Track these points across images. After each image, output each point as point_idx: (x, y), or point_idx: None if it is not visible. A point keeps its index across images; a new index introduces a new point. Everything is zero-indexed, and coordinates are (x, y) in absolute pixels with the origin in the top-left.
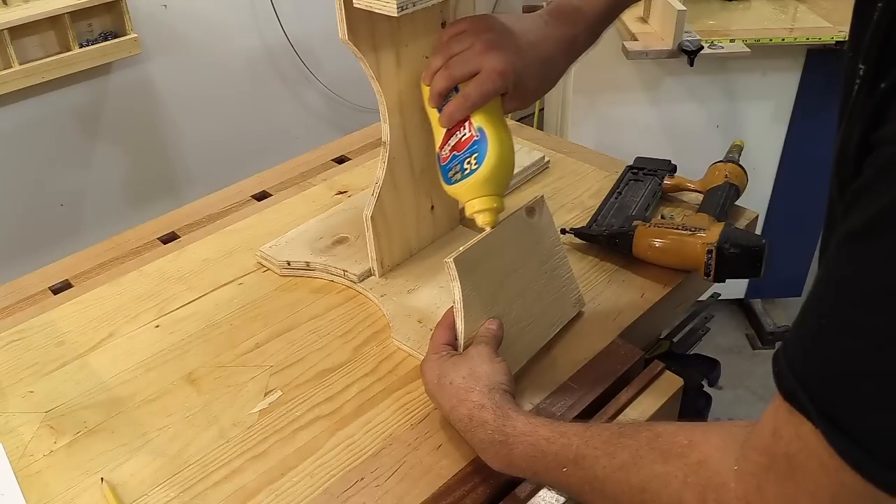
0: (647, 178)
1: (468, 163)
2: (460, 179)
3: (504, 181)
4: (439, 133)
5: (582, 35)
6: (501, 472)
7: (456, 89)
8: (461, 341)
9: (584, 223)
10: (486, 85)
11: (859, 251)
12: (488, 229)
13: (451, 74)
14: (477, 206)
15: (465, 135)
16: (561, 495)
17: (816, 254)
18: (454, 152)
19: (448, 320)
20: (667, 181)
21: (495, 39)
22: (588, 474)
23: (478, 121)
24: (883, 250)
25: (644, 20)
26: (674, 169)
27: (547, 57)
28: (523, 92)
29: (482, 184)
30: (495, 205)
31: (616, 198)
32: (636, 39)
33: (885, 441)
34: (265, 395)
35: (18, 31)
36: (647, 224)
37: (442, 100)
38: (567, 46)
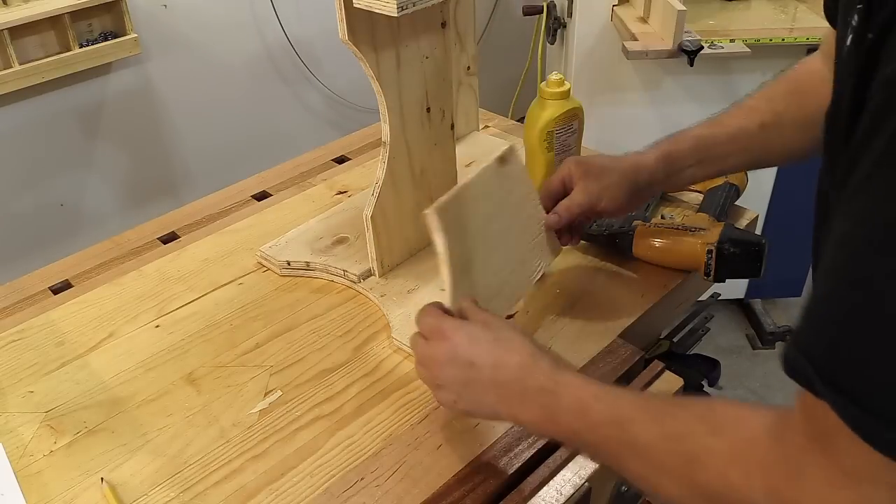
0: None
1: None
2: None
3: None
4: None
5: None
6: (538, 432)
7: None
8: (449, 292)
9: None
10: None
11: (856, 202)
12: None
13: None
14: None
15: None
16: (593, 460)
17: None
18: None
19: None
20: None
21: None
22: (631, 438)
23: None
24: (879, 189)
25: (644, 20)
26: None
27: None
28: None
29: None
30: None
31: None
32: (636, 39)
33: (887, 401)
34: (265, 395)
35: (18, 31)
36: (647, 224)
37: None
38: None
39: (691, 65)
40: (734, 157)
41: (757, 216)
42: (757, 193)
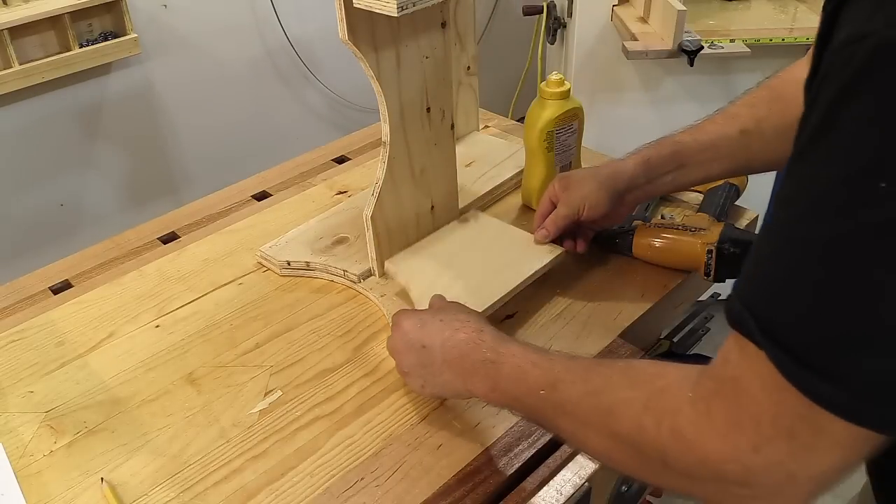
0: None
1: None
2: None
3: None
4: None
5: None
6: (490, 403)
7: None
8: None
9: None
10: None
11: (798, 167)
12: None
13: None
14: None
15: None
16: (537, 424)
17: None
18: None
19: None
20: None
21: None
22: (562, 397)
23: None
24: (817, 156)
25: (644, 20)
26: None
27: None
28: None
29: None
30: None
31: None
32: (636, 39)
33: (820, 351)
34: (265, 395)
35: (18, 31)
36: (647, 224)
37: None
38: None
39: (691, 65)
40: (715, 164)
41: (757, 216)
42: (757, 193)
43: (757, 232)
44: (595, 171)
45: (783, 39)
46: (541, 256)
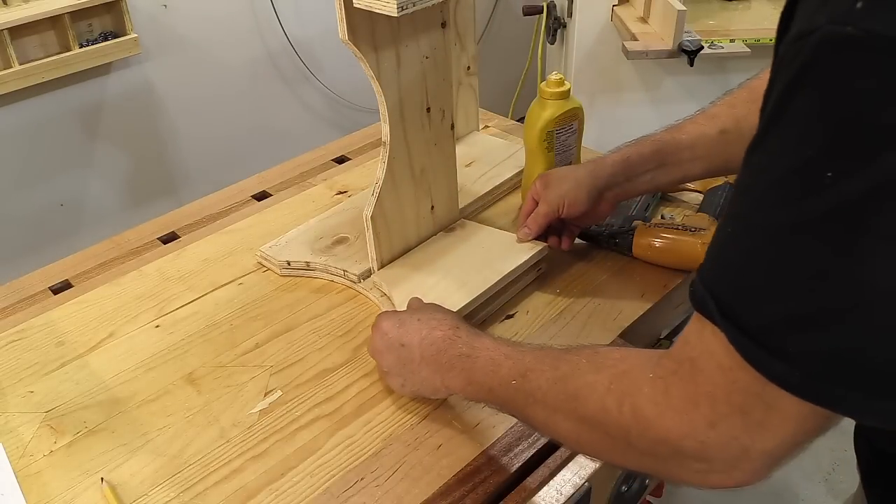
0: None
1: None
2: None
3: None
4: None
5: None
6: (467, 397)
7: None
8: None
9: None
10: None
11: (754, 156)
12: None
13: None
14: None
15: None
16: (511, 415)
17: None
18: None
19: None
20: None
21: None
22: (532, 386)
23: None
24: (770, 146)
25: (644, 20)
26: None
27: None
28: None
29: None
30: None
31: None
32: (636, 39)
33: (773, 332)
34: (265, 395)
35: (18, 31)
36: (647, 224)
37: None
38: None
39: (691, 65)
40: (695, 163)
41: None
42: None
43: None
44: (574, 170)
45: None
46: (521, 254)
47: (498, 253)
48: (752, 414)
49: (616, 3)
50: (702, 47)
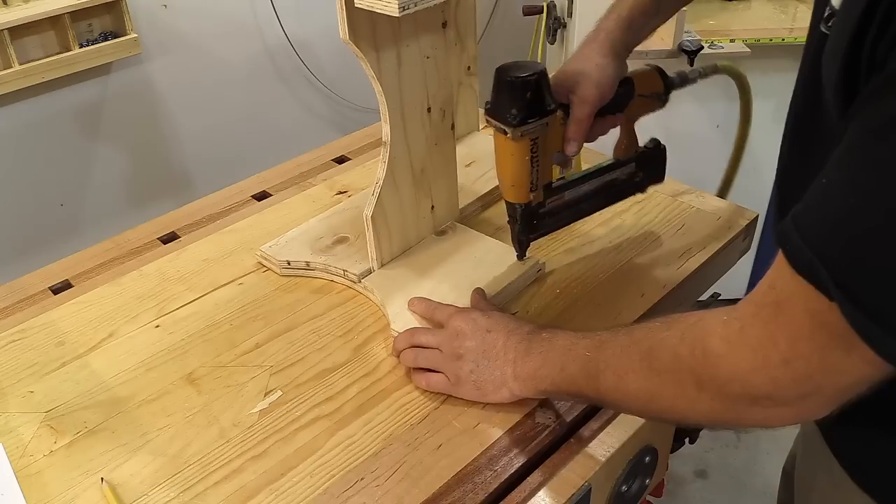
0: None
1: None
2: None
3: None
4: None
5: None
6: (532, 384)
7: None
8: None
9: (585, 223)
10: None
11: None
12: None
13: None
14: None
15: None
16: (574, 395)
17: None
18: None
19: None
20: None
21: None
22: (607, 353)
23: None
24: None
25: None
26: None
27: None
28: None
29: None
30: None
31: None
32: None
33: (893, 313)
34: (265, 395)
35: (18, 31)
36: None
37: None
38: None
39: (691, 65)
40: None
41: (757, 216)
42: (757, 193)
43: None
44: (590, 56)
45: (783, 39)
46: (512, 271)
47: (487, 270)
48: (830, 356)
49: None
50: (702, 47)
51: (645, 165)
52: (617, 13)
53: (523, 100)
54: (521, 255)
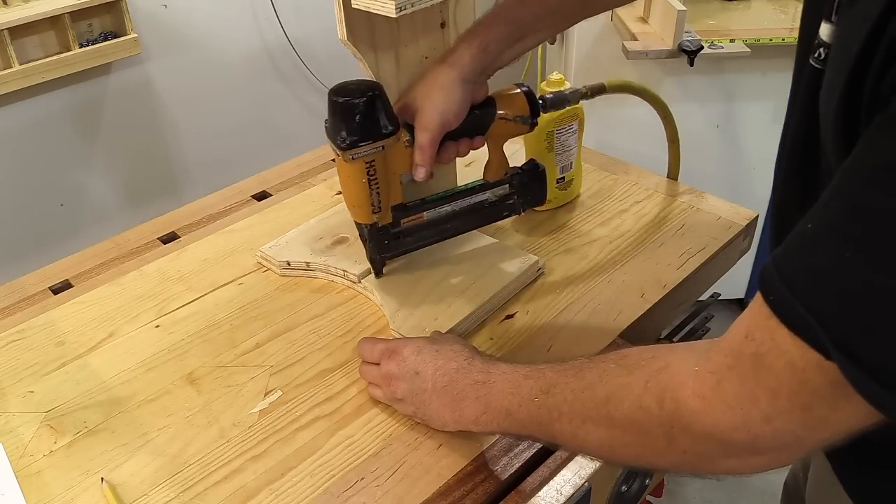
0: None
1: None
2: None
3: None
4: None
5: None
6: (479, 428)
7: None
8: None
9: (585, 223)
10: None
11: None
12: None
13: None
14: None
15: None
16: (527, 438)
17: None
18: None
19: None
20: None
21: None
22: (557, 400)
23: None
24: None
25: (644, 20)
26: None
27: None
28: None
29: None
30: None
31: None
32: (636, 39)
33: (893, 372)
34: (265, 395)
35: (18, 31)
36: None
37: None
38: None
39: (691, 65)
40: (548, 30)
41: (757, 216)
42: (757, 193)
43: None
44: (434, 78)
45: (783, 39)
46: (511, 271)
47: (484, 270)
48: (815, 411)
49: None
50: (702, 47)
51: (521, 187)
52: (471, 36)
53: (352, 122)
54: (377, 273)
